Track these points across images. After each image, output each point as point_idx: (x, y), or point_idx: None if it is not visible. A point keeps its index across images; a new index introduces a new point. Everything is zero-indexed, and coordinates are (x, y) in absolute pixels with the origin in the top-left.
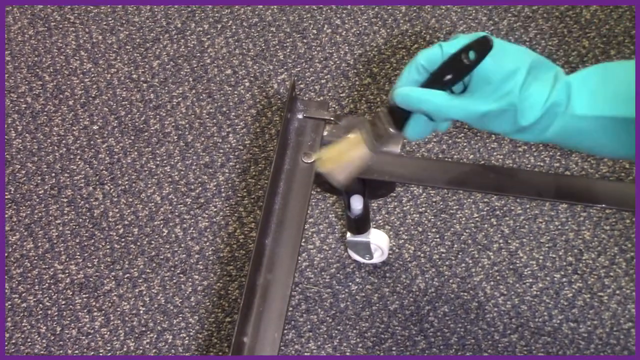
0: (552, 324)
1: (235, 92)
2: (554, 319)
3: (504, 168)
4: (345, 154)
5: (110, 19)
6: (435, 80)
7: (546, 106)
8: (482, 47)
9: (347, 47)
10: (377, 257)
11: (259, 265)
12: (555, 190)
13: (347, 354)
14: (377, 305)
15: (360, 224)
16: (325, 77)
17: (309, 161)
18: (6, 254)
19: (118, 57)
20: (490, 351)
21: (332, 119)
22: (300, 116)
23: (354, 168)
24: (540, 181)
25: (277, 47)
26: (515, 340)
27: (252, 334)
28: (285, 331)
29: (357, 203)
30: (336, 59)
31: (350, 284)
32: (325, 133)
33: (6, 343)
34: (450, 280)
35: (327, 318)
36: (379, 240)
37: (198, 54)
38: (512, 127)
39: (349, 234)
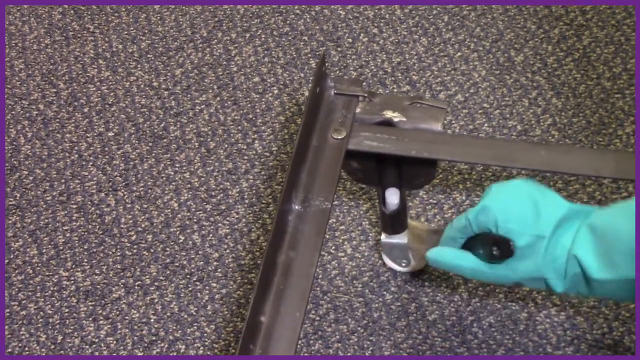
0: (612, 337)
1: (263, 99)
2: (615, 331)
3: (556, 145)
4: None
5: (132, 28)
6: (469, 247)
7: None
8: (505, 251)
9: (384, 56)
10: (415, 264)
11: (280, 241)
12: (615, 167)
13: None
14: (415, 315)
15: (396, 222)
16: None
17: (340, 137)
18: (7, 261)
19: (138, 66)
20: None
21: (365, 95)
22: (330, 93)
23: None
24: (598, 157)
25: (309, 55)
26: (571, 353)
27: (270, 313)
28: (311, 342)
29: (393, 197)
30: (372, 67)
31: (384, 292)
32: (357, 110)
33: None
34: (497, 290)
35: (359, 328)
36: None
37: (224, 62)
38: (547, 288)
39: (383, 235)
